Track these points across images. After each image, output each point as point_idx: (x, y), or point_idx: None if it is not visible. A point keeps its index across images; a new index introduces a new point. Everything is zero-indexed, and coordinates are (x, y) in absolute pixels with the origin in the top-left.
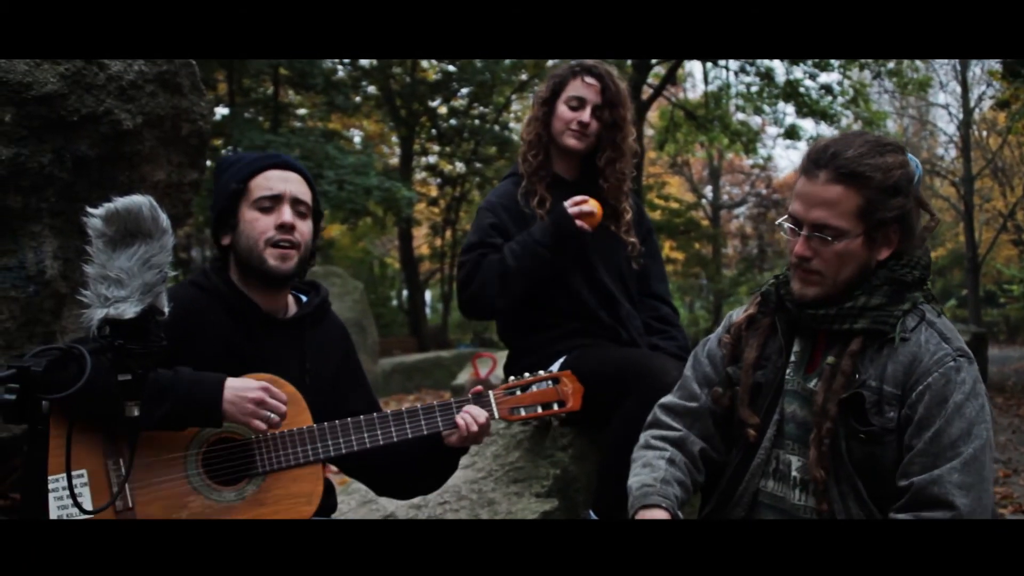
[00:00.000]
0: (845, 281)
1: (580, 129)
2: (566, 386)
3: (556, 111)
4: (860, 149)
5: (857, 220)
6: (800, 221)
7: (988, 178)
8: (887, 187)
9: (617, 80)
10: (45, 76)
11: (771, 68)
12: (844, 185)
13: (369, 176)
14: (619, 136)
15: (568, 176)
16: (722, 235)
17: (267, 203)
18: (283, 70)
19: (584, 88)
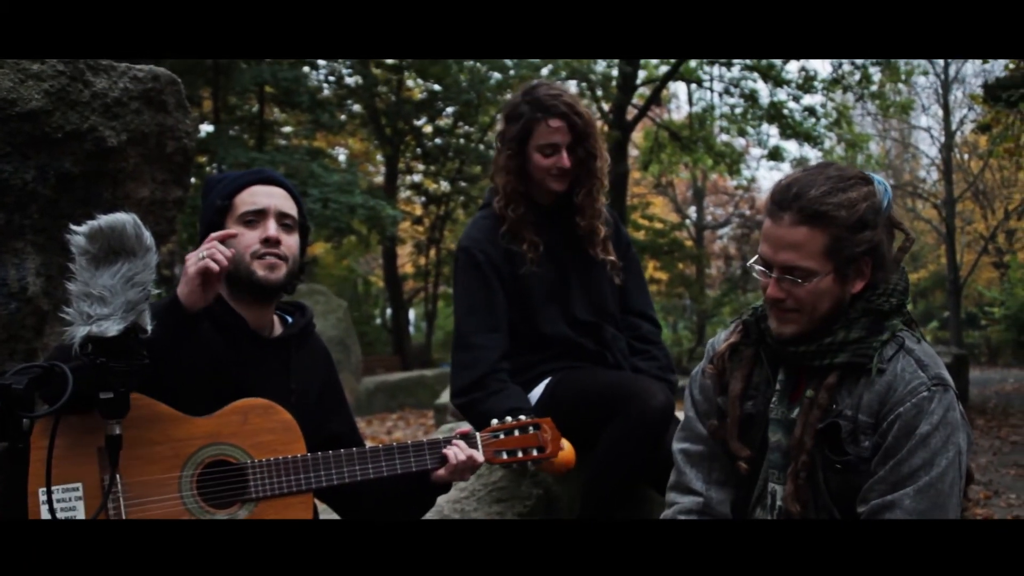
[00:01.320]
0: (822, 317)
1: (560, 173)
2: (546, 433)
3: (531, 160)
4: (822, 187)
5: (825, 259)
6: (769, 263)
7: (970, 201)
8: (853, 223)
9: (580, 109)
10: (30, 93)
11: (755, 90)
12: (809, 226)
13: (354, 194)
14: (594, 164)
15: (549, 204)
16: (706, 256)
17: (252, 217)
18: (268, 88)
19: (552, 133)
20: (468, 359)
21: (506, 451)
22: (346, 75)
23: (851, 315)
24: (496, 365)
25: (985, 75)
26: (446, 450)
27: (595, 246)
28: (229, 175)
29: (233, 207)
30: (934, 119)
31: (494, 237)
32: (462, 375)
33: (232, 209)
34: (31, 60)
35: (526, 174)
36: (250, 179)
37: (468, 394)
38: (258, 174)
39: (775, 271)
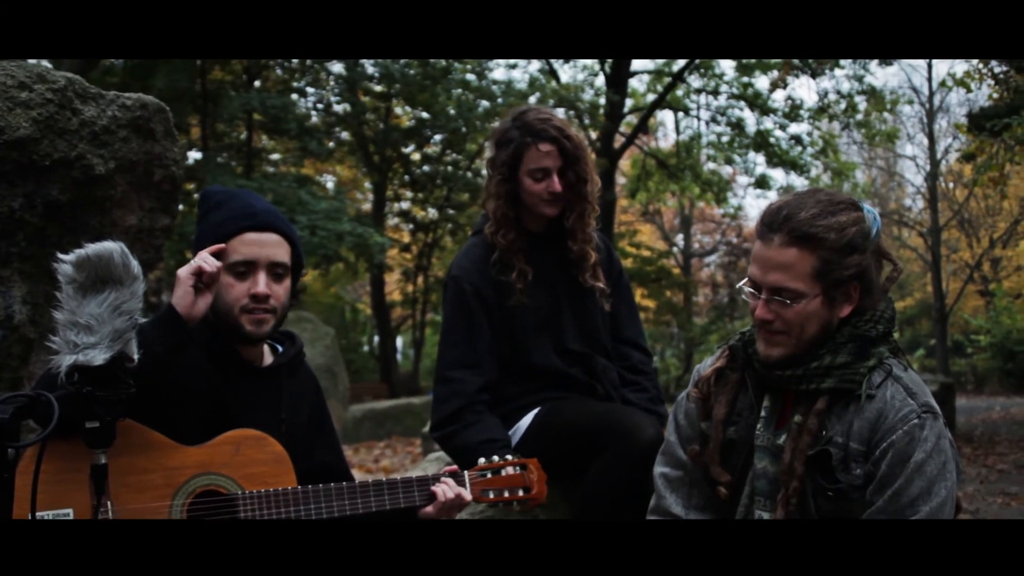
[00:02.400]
0: (809, 340)
1: (552, 198)
2: (532, 473)
3: (522, 185)
4: (812, 210)
5: (814, 281)
6: (759, 285)
7: (955, 229)
8: (842, 246)
9: (570, 132)
10: (18, 120)
11: (742, 118)
12: (798, 248)
13: (341, 222)
14: (585, 188)
15: (540, 230)
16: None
17: (242, 268)
18: (257, 115)
19: (543, 157)
20: (445, 393)
21: (493, 490)
22: (334, 102)
23: (838, 340)
24: (473, 397)
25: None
26: (435, 487)
27: (585, 272)
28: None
29: (224, 253)
30: (919, 148)
31: (484, 267)
32: (440, 409)
33: (223, 255)
34: (19, 88)
35: (517, 199)
36: (244, 225)
37: (444, 427)
38: (252, 219)
39: (764, 292)
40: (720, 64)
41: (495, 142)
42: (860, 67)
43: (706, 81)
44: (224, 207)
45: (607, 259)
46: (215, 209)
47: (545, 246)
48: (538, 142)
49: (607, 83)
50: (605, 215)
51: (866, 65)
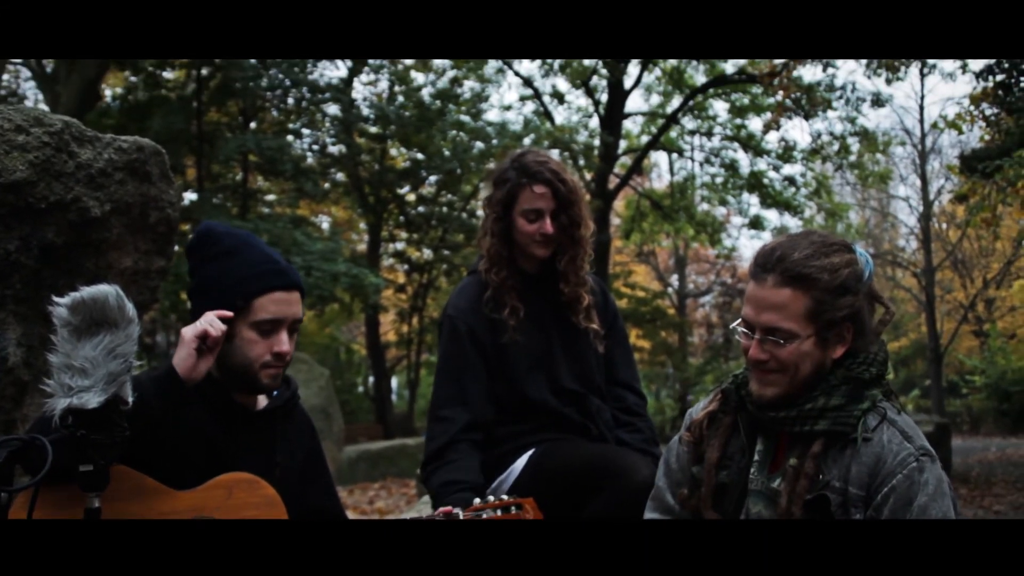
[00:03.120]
0: (803, 380)
1: (544, 239)
2: (528, 513)
3: (515, 225)
4: (805, 251)
5: (807, 322)
6: (752, 325)
7: (949, 270)
8: (835, 287)
9: (565, 176)
10: (14, 164)
11: (735, 159)
12: (791, 288)
13: (337, 262)
14: (578, 232)
15: (533, 271)
16: (688, 324)
17: (268, 327)
18: (252, 156)
19: (536, 198)
20: (434, 431)
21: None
22: (330, 144)
23: (831, 382)
24: (456, 436)
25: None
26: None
27: (578, 314)
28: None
29: (251, 310)
30: (912, 189)
31: (478, 306)
32: (427, 447)
33: (249, 311)
34: (16, 132)
35: (510, 238)
36: (275, 284)
37: (426, 467)
38: (281, 278)
39: (758, 332)
40: (713, 106)
41: (493, 181)
42: (852, 109)
43: (700, 122)
44: (241, 257)
45: (603, 302)
46: (228, 256)
47: (538, 287)
48: (533, 183)
49: (601, 125)
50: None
51: (859, 107)
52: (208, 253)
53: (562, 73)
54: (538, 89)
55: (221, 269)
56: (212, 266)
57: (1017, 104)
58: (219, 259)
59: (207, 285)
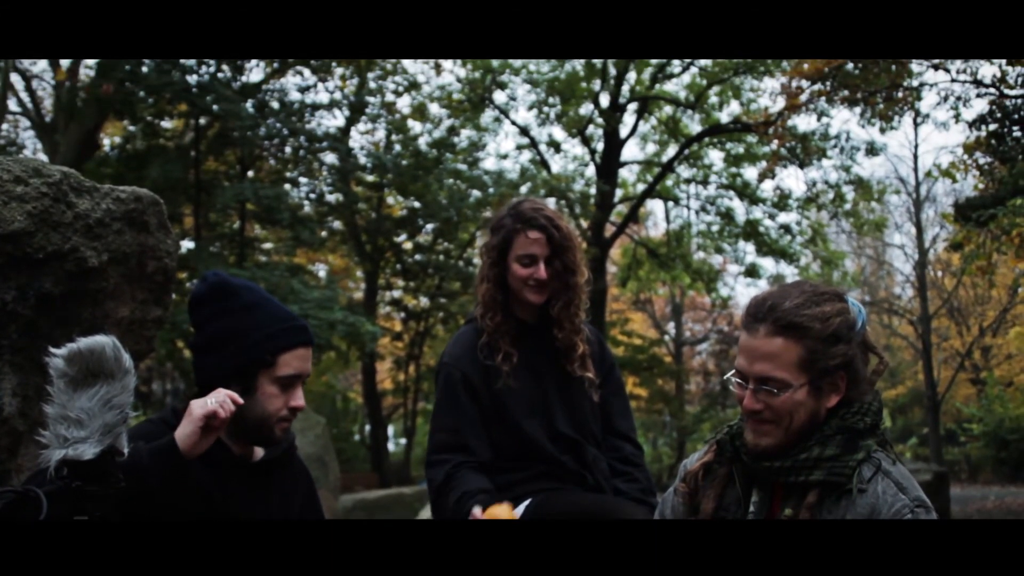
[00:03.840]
0: (797, 430)
1: (537, 285)
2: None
3: (510, 269)
4: (797, 300)
5: (800, 371)
6: (746, 375)
7: (945, 317)
8: (827, 336)
9: (560, 223)
10: (12, 214)
11: (731, 208)
12: (784, 337)
13: (333, 311)
14: (572, 279)
15: (529, 319)
16: (685, 372)
17: (288, 382)
18: (250, 205)
19: (531, 244)
20: (433, 473)
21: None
22: (327, 192)
23: (826, 432)
24: (457, 465)
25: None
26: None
27: (573, 362)
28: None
29: (275, 365)
30: (907, 237)
31: (473, 353)
32: (431, 487)
33: (273, 366)
34: (15, 183)
35: (505, 284)
36: (300, 340)
37: (436, 502)
38: (304, 333)
39: (751, 382)
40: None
41: (489, 228)
42: (847, 157)
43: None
44: (265, 312)
45: (599, 352)
46: (249, 311)
47: (534, 334)
48: (527, 229)
49: (597, 173)
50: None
51: (853, 155)
52: (225, 306)
53: (558, 122)
54: (534, 138)
55: (242, 323)
56: (229, 319)
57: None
58: (238, 313)
59: (224, 338)
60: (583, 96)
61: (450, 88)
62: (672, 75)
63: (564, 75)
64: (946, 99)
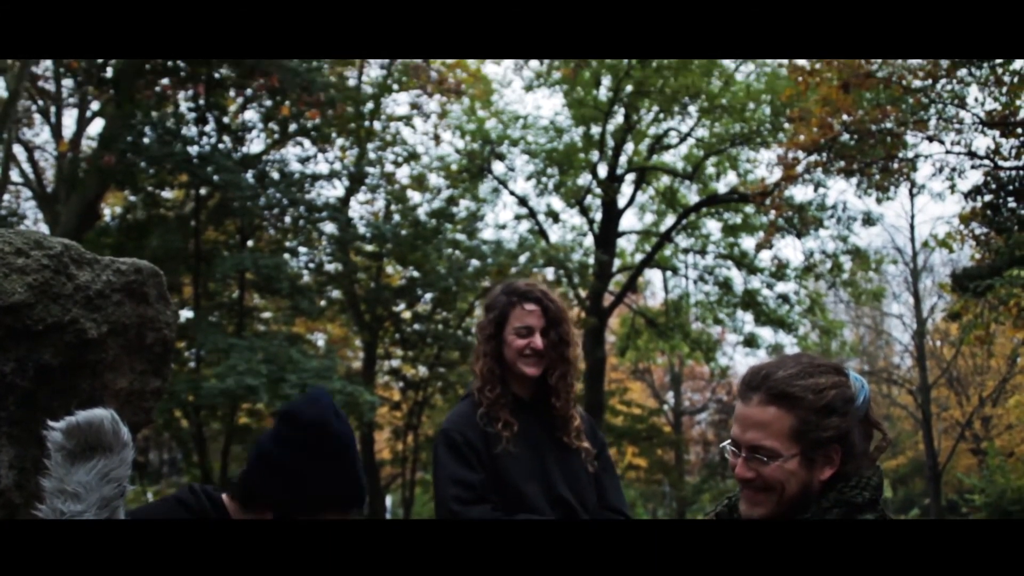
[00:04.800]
0: (790, 501)
1: (534, 355)
2: None
3: (506, 342)
4: (791, 370)
5: (791, 441)
6: (738, 443)
7: (944, 387)
8: (820, 407)
9: (553, 297)
10: (13, 286)
11: (729, 277)
12: (776, 406)
13: (332, 380)
14: (567, 350)
15: (525, 396)
16: (684, 441)
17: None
18: (249, 274)
19: (527, 316)
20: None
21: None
22: (326, 261)
23: (823, 505)
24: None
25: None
26: None
27: (569, 433)
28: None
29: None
30: (905, 306)
31: (472, 420)
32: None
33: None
34: (16, 255)
35: (502, 358)
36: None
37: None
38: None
39: (743, 450)
40: (707, 224)
41: (485, 307)
42: (844, 227)
43: (693, 241)
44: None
45: (591, 432)
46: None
47: (530, 408)
48: (523, 302)
49: (596, 243)
50: (595, 373)
51: (850, 226)
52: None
53: (557, 192)
54: (533, 208)
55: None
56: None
57: (1006, 224)
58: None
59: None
60: (581, 166)
61: (449, 159)
62: (669, 146)
63: (562, 146)
64: (941, 170)
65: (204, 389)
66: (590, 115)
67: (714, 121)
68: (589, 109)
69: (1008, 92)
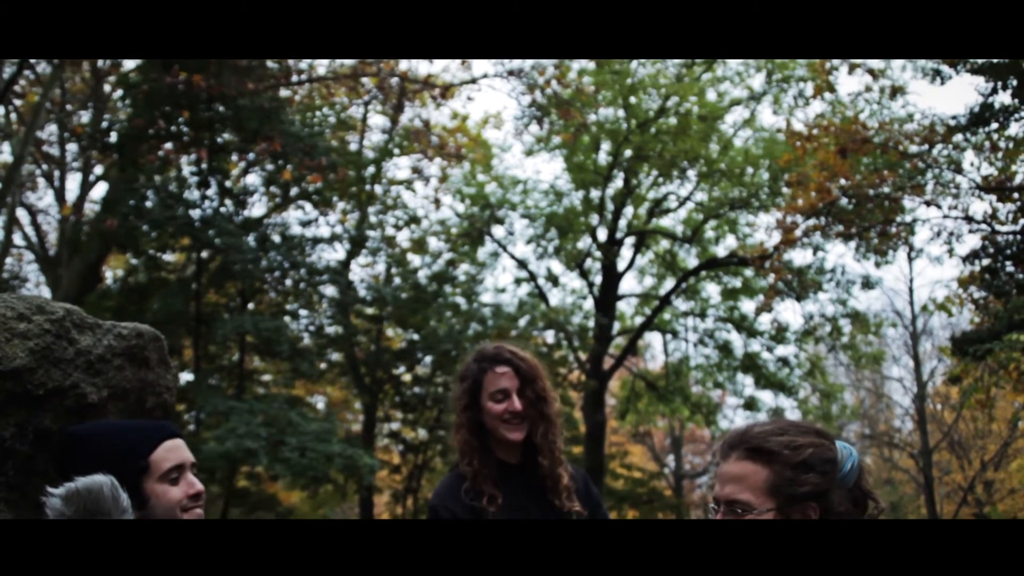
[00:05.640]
0: None
1: (514, 418)
2: None
3: (484, 409)
4: (769, 428)
5: (766, 495)
6: (719, 500)
7: (946, 451)
8: (796, 463)
9: (524, 356)
10: (14, 351)
11: (729, 341)
12: (752, 461)
13: (331, 443)
14: (546, 407)
15: (512, 460)
16: (685, 505)
17: (175, 474)
18: (250, 337)
19: (500, 379)
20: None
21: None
22: (327, 324)
23: None
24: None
25: (952, 328)
26: None
27: (560, 495)
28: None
29: (152, 467)
30: (905, 370)
31: (458, 494)
32: None
33: (151, 468)
34: (18, 320)
35: (482, 428)
36: (162, 435)
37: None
38: (164, 429)
39: (721, 505)
40: (706, 288)
41: (459, 378)
42: (843, 291)
43: (693, 304)
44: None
45: (584, 489)
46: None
47: (516, 474)
48: (494, 366)
49: (596, 306)
50: (595, 436)
51: (849, 289)
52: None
53: (556, 255)
54: (533, 272)
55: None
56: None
57: (1004, 288)
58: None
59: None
60: (581, 230)
61: (449, 222)
62: (669, 209)
63: (562, 209)
64: (939, 234)
65: (203, 452)
66: (590, 179)
67: (713, 185)
68: (589, 173)
69: (1004, 157)
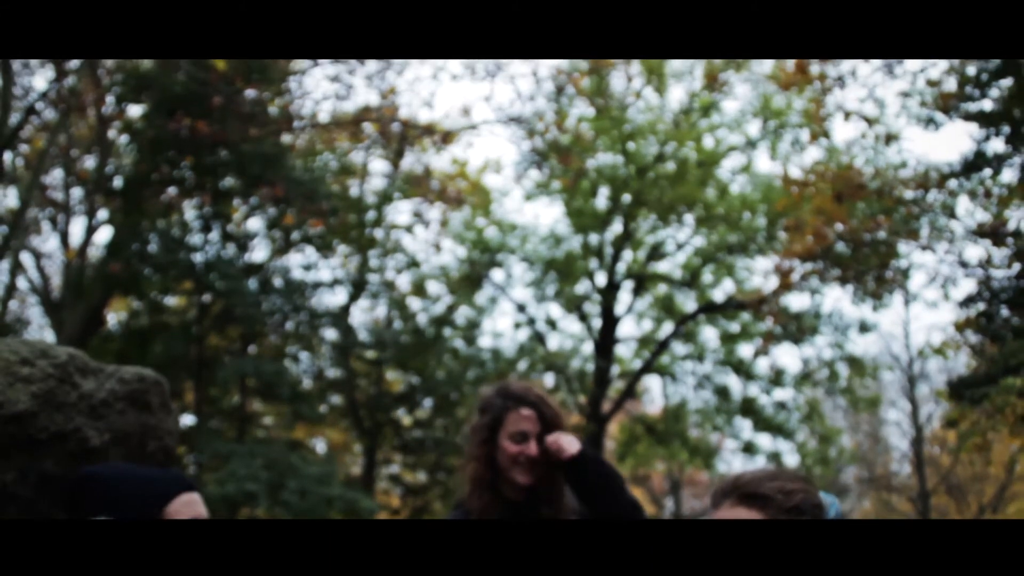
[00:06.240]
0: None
1: (528, 463)
2: None
3: (500, 447)
4: (760, 474)
5: None
6: None
7: (944, 494)
8: (789, 508)
9: (550, 402)
10: (17, 395)
11: (727, 384)
12: (746, 506)
13: (331, 486)
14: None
15: (518, 499)
16: None
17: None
18: (251, 381)
19: (523, 421)
20: None
21: None
22: (327, 368)
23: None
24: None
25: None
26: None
27: None
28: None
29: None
30: (903, 413)
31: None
32: None
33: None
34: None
35: (494, 463)
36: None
37: None
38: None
39: None
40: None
41: (479, 408)
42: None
43: (691, 348)
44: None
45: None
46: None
47: (520, 514)
48: (519, 406)
49: (594, 349)
50: None
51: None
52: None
53: (556, 299)
54: (532, 316)
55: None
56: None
57: (999, 332)
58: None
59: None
60: (580, 274)
61: (449, 267)
62: (667, 254)
63: (561, 254)
64: (934, 279)
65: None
66: (589, 224)
67: (710, 230)
68: (588, 218)
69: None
